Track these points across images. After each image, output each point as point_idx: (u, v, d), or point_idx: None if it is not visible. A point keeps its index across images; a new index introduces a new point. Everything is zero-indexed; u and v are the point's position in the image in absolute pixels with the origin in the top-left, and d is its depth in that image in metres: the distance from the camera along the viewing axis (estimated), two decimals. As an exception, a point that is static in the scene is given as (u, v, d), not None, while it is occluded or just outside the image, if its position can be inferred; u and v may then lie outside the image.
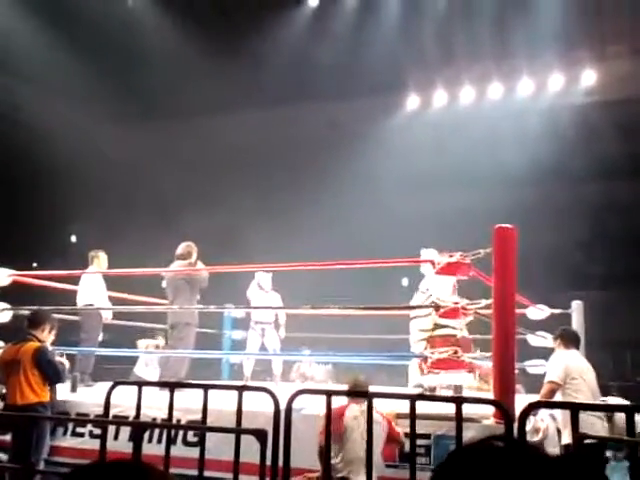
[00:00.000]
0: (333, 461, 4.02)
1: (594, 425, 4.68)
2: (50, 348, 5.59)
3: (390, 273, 11.80)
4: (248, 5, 13.41)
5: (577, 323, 7.33)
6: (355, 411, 4.23)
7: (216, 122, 15.40)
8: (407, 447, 3.89)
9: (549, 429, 4.83)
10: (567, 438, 4.49)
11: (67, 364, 5.90)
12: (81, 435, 5.51)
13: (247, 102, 14.63)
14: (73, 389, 6.36)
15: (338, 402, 4.29)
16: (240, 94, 14.24)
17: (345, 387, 4.51)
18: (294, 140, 15.23)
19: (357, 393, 4.24)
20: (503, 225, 4.70)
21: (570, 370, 5.05)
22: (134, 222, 14.41)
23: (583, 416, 4.00)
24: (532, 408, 3.44)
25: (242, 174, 14.96)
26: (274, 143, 15.36)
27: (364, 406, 4.17)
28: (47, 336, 5.57)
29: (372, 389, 4.47)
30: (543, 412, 4.92)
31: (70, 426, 5.65)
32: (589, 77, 14.11)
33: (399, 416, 4.37)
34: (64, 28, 12.87)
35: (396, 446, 4.38)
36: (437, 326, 5.80)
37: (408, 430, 3.51)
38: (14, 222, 14.27)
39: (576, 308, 7.55)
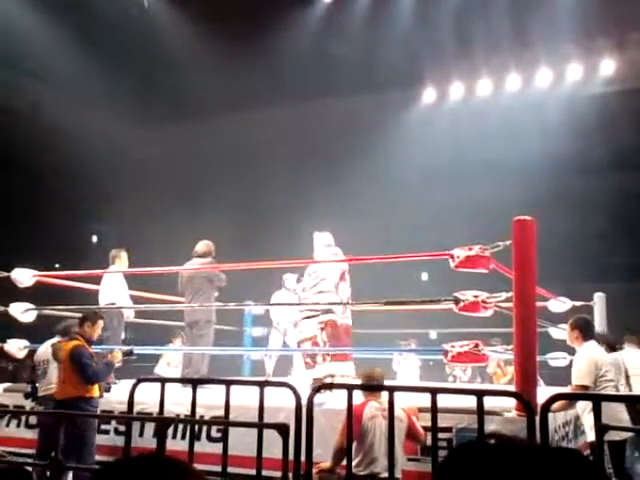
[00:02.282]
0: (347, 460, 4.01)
1: (619, 418, 4.61)
2: (90, 347, 5.69)
3: (409, 268, 11.78)
4: (263, 2, 13.43)
5: (599, 315, 7.28)
6: (373, 410, 4.17)
7: (237, 119, 15.44)
8: (429, 441, 3.89)
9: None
10: (592, 436, 4.29)
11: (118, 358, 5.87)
12: (106, 432, 5.59)
13: (266, 99, 14.66)
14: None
15: (357, 397, 4.28)
16: (259, 91, 14.27)
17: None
18: (313, 135, 15.24)
19: (377, 387, 4.23)
20: (522, 217, 4.67)
21: (600, 366, 4.79)
22: (156, 222, 14.52)
23: (609, 411, 3.91)
24: (554, 400, 3.42)
25: (263, 170, 14.99)
26: (293, 139, 15.38)
27: (384, 402, 4.16)
28: (91, 332, 5.74)
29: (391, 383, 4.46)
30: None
31: (95, 423, 5.73)
32: (608, 66, 13.93)
33: (421, 410, 4.37)
34: (85, 30, 13.01)
35: (415, 444, 4.35)
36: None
37: (429, 423, 3.51)
38: (36, 223, 14.45)
39: (598, 300, 7.49)
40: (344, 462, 3.78)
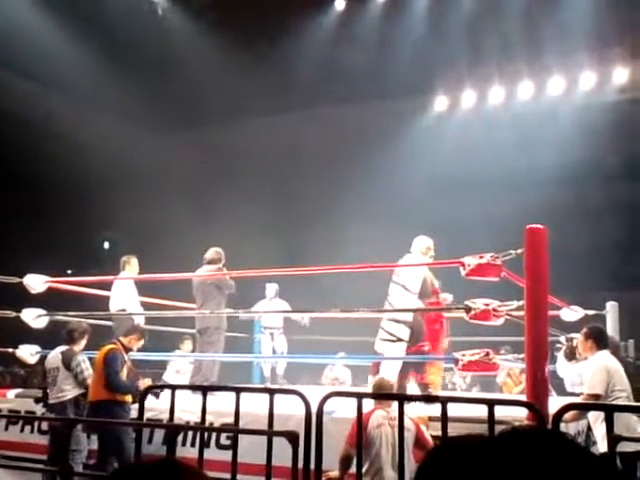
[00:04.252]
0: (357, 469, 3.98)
1: (632, 428, 4.54)
2: (125, 355, 5.70)
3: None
4: (276, 11, 13.49)
5: (612, 324, 7.21)
6: (379, 418, 4.14)
7: (248, 127, 15.49)
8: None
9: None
10: (604, 447, 4.22)
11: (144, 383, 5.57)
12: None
13: (276, 106, 14.71)
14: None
15: (366, 406, 4.26)
16: (270, 98, 14.33)
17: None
18: (323, 143, 15.25)
19: (386, 396, 4.21)
20: (534, 225, 4.65)
21: (612, 375, 4.73)
22: (167, 228, 14.57)
23: (621, 421, 3.84)
24: (566, 410, 3.39)
25: (274, 179, 15.02)
26: (303, 146, 15.40)
27: (391, 411, 4.14)
28: (131, 343, 5.82)
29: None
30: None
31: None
32: (621, 74, 13.87)
33: (431, 419, 4.34)
34: (97, 38, 13.11)
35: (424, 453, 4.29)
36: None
37: (439, 433, 3.49)
38: (48, 230, 14.55)
39: (611, 309, 7.42)
40: (351, 470, 3.76)
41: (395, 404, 4.12)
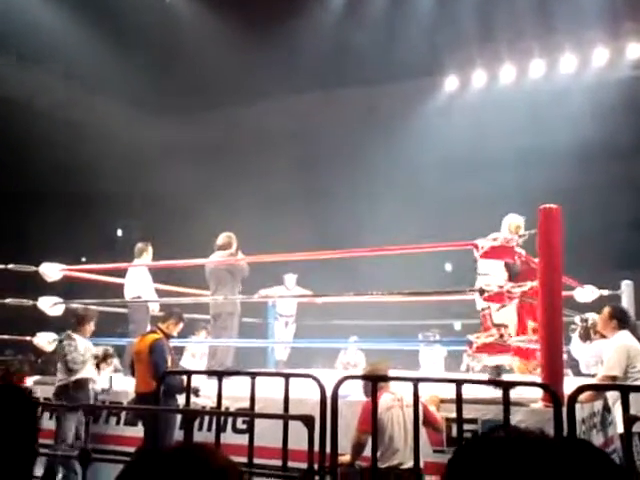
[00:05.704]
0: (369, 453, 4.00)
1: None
2: (169, 342, 5.72)
3: (433, 258, 11.69)
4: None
5: (627, 303, 7.16)
6: (388, 400, 4.17)
7: (256, 109, 15.45)
8: (454, 432, 3.87)
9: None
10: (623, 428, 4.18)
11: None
12: (134, 424, 5.66)
13: (285, 88, 14.65)
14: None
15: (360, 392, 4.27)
16: (278, 81, 14.27)
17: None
18: (333, 125, 15.18)
19: (402, 378, 4.22)
20: (547, 205, 4.60)
21: (633, 356, 4.65)
22: (179, 215, 14.61)
23: None
24: (581, 391, 3.37)
25: (284, 161, 14.98)
26: (312, 128, 15.34)
27: (397, 392, 4.15)
28: (169, 328, 5.81)
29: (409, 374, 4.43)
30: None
31: (123, 415, 5.82)
32: (635, 50, 13.66)
33: (443, 401, 4.35)
34: (105, 25, 13.09)
35: (434, 431, 4.32)
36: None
37: (454, 415, 3.49)
38: (63, 218, 14.64)
39: (626, 288, 7.37)
40: (363, 455, 3.78)
41: (396, 385, 4.15)
